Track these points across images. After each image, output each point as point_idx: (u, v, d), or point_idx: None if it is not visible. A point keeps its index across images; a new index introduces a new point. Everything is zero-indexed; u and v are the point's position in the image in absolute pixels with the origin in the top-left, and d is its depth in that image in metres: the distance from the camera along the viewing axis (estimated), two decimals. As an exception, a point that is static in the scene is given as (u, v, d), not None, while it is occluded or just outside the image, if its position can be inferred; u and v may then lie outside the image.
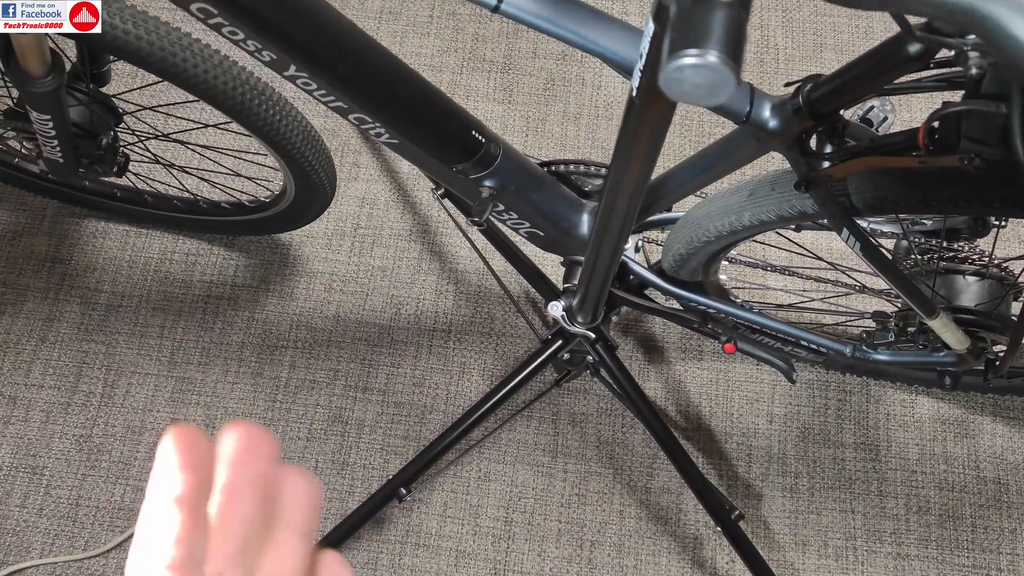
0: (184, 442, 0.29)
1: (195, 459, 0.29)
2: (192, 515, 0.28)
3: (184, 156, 1.43)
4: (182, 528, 0.28)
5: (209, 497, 0.29)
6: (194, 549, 0.28)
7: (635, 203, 0.78)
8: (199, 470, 0.29)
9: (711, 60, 0.35)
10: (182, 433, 0.29)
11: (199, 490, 0.29)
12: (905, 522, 1.29)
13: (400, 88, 0.81)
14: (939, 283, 1.02)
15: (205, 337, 1.41)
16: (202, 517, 0.29)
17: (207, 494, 0.29)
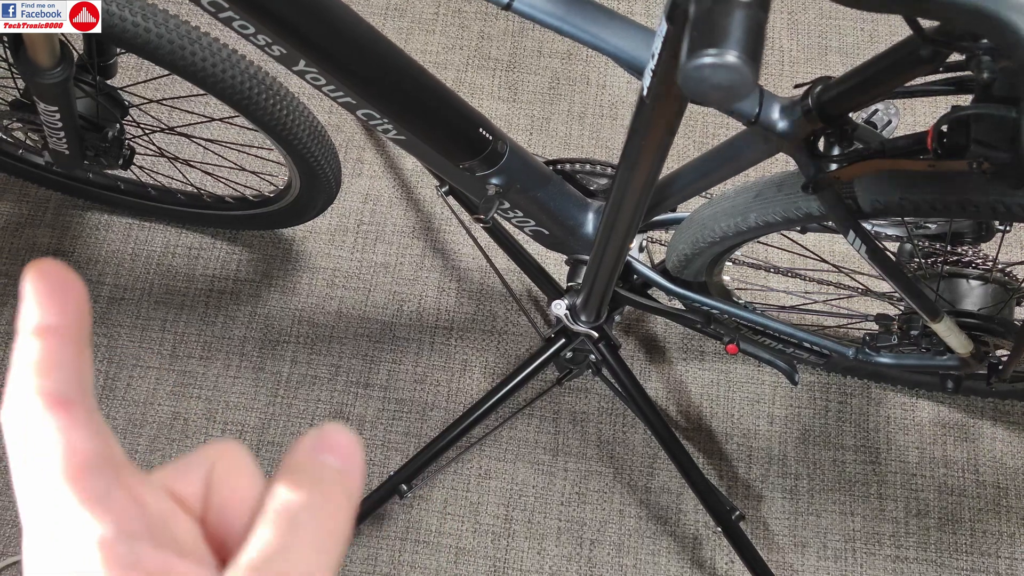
0: (47, 273, 0.24)
1: (60, 289, 0.24)
2: (61, 341, 0.24)
3: (189, 150, 1.43)
4: (49, 354, 0.24)
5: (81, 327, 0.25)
6: (65, 374, 0.24)
7: (642, 203, 0.79)
8: (66, 299, 0.24)
9: (730, 60, 0.35)
10: (43, 266, 0.25)
11: (67, 318, 0.24)
12: (904, 525, 1.29)
13: (409, 84, 0.81)
14: (943, 287, 1.02)
15: (207, 331, 1.40)
16: (75, 345, 0.24)
17: (78, 323, 0.25)
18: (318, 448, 0.26)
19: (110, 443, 0.24)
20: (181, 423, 1.35)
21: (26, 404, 0.23)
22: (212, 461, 0.26)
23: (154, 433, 1.34)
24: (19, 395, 0.23)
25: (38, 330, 0.24)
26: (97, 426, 0.24)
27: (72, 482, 0.23)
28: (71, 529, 0.22)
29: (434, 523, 1.30)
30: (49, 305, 0.24)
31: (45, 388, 0.23)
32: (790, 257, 1.34)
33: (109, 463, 0.23)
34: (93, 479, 0.23)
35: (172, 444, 1.34)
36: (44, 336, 0.24)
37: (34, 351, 0.24)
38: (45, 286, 0.24)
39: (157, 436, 1.34)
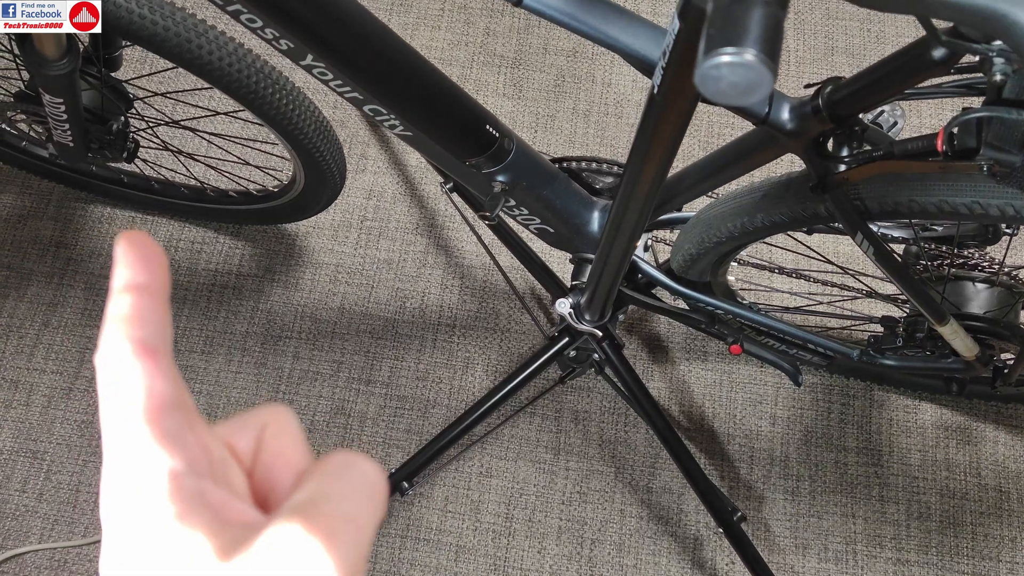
0: (137, 242, 0.28)
1: (148, 256, 0.28)
2: (151, 298, 0.27)
3: (193, 143, 1.42)
4: (141, 308, 0.27)
5: (165, 288, 0.28)
6: (154, 327, 0.27)
7: (650, 202, 0.78)
8: (152, 263, 0.28)
9: (748, 59, 0.35)
10: (133, 236, 0.28)
11: (155, 278, 0.28)
12: (906, 528, 1.29)
13: (417, 80, 0.81)
14: (949, 290, 1.01)
15: (209, 325, 1.40)
16: (161, 302, 0.27)
17: (163, 284, 0.28)
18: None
19: (185, 392, 0.27)
20: (182, 417, 1.35)
21: (118, 350, 0.26)
22: (264, 422, 0.29)
23: (155, 427, 1.34)
24: (112, 342, 0.26)
25: (130, 287, 0.27)
26: (175, 375, 0.27)
27: (152, 421, 0.25)
28: (148, 461, 0.25)
29: (435, 521, 1.29)
30: (138, 267, 0.27)
31: (135, 336, 0.26)
32: (795, 258, 1.34)
33: (183, 408, 0.26)
34: (170, 420, 0.26)
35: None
36: (135, 292, 0.27)
37: (126, 305, 0.27)
38: (135, 250, 0.27)
39: (158, 430, 1.34)
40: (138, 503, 0.25)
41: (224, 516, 0.25)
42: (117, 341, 0.26)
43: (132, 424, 0.25)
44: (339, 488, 0.26)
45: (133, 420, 0.25)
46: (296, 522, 0.24)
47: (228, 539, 0.24)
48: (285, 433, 0.29)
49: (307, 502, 0.25)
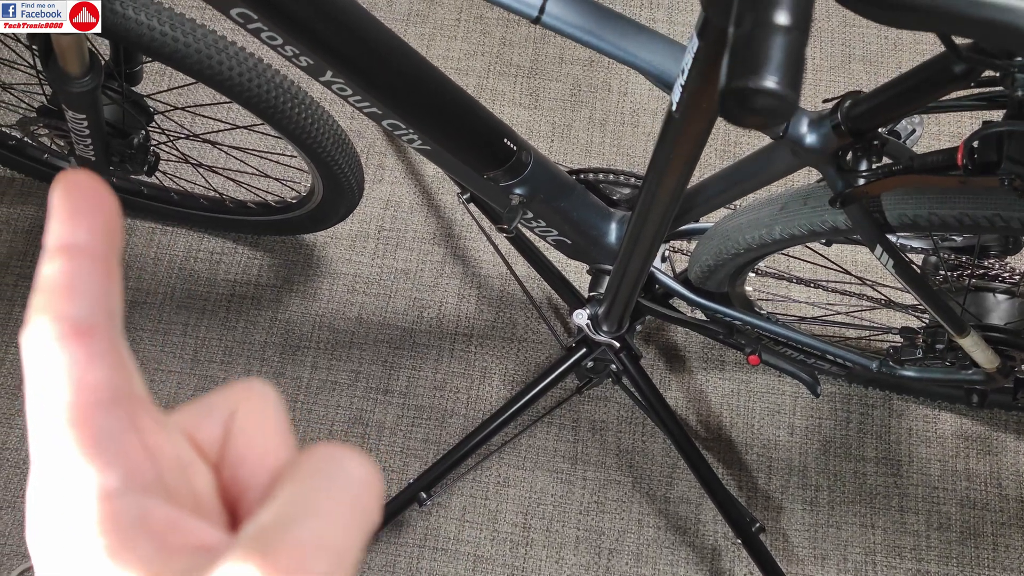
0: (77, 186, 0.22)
1: (90, 204, 0.22)
2: (90, 262, 0.22)
3: (211, 155, 1.43)
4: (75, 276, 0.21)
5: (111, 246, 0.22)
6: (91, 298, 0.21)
7: (669, 215, 0.78)
8: (95, 215, 0.22)
9: (771, 87, 0.35)
10: (74, 177, 0.22)
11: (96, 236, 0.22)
12: (926, 538, 1.28)
13: (435, 95, 0.82)
14: (969, 301, 1.01)
15: (228, 336, 1.41)
16: (103, 266, 0.22)
17: (109, 242, 0.22)
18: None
19: (128, 377, 0.22)
20: (202, 427, 1.36)
21: (42, 331, 0.21)
22: (235, 404, 0.23)
23: (175, 437, 1.35)
24: (37, 320, 0.21)
25: (62, 248, 0.21)
26: (117, 357, 0.21)
27: (79, 423, 0.20)
28: (74, 477, 0.20)
29: (452, 530, 1.30)
30: (76, 221, 0.22)
31: (64, 313, 0.21)
32: (813, 268, 1.33)
33: (124, 402, 0.21)
34: (103, 420, 0.21)
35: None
36: (69, 255, 0.21)
37: (56, 271, 0.21)
38: (72, 199, 0.22)
39: (178, 440, 1.35)
40: (62, 533, 0.20)
41: (170, 544, 0.20)
42: (42, 320, 0.21)
43: (57, 427, 0.20)
44: (317, 500, 0.20)
45: (59, 423, 0.20)
46: (253, 560, 0.19)
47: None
48: (259, 419, 0.23)
49: (274, 525, 0.20)
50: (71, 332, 0.21)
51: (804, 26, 0.37)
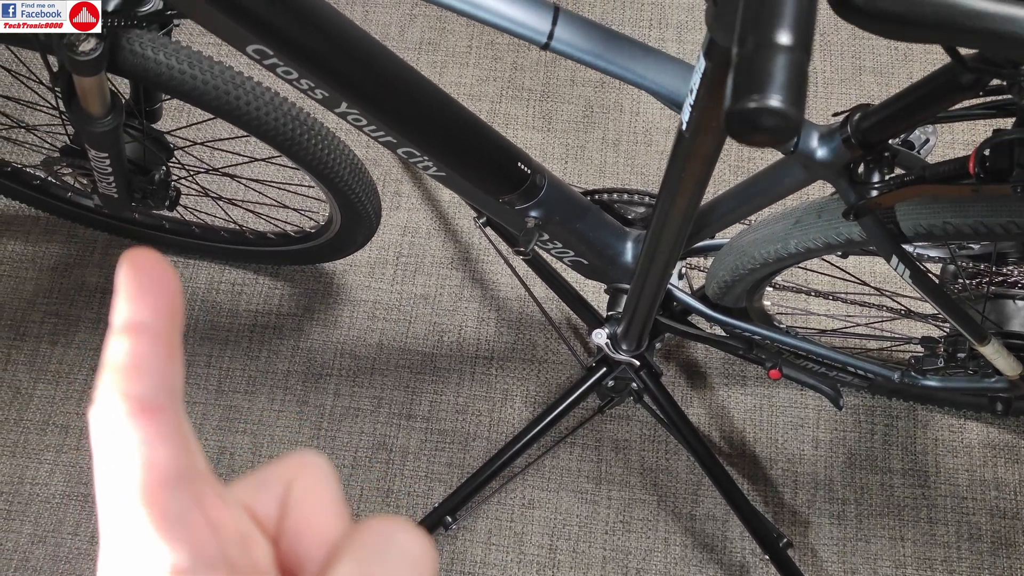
0: (143, 266, 0.23)
1: (156, 284, 0.23)
2: (154, 341, 0.23)
3: (231, 188, 1.46)
4: (141, 356, 0.22)
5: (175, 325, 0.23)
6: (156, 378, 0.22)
7: (683, 233, 0.79)
8: (160, 294, 0.23)
9: (775, 105, 0.36)
10: (139, 257, 0.23)
11: (161, 316, 0.23)
12: (956, 550, 1.27)
13: (449, 123, 0.83)
14: (989, 308, 1.01)
15: (251, 366, 1.43)
16: (167, 345, 0.23)
17: (172, 321, 0.23)
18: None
19: (193, 454, 0.23)
20: (228, 458, 1.37)
21: (112, 409, 0.22)
22: (291, 478, 0.24)
23: (201, 468, 1.36)
24: (105, 399, 0.22)
25: (128, 328, 0.22)
26: (182, 435, 0.22)
27: (149, 502, 0.21)
28: (145, 554, 0.21)
29: (479, 554, 1.30)
30: (141, 300, 0.23)
31: (131, 392, 0.22)
32: (830, 280, 1.33)
33: (189, 480, 0.22)
34: (170, 499, 0.22)
35: (220, 478, 1.35)
36: (134, 335, 0.22)
37: (122, 351, 0.22)
38: (137, 279, 0.23)
39: (204, 470, 1.36)
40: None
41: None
42: (111, 398, 0.22)
43: (128, 505, 0.21)
44: (375, 574, 0.22)
45: (129, 500, 0.21)
46: None
47: None
48: (315, 492, 0.24)
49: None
50: (139, 411, 0.22)
51: (806, 45, 0.37)
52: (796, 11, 0.38)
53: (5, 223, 1.53)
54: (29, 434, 1.39)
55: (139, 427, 0.22)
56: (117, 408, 0.22)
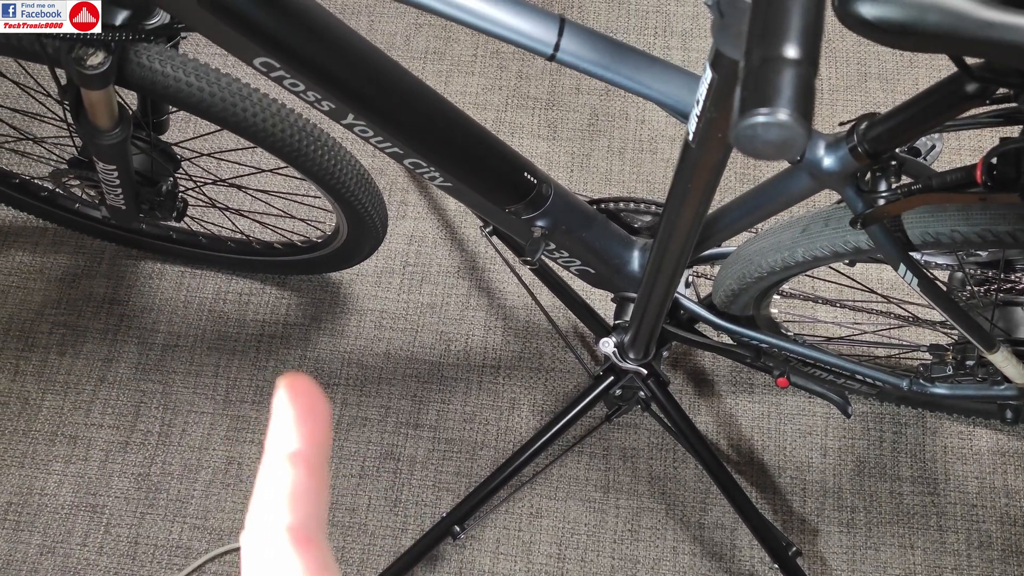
0: (301, 393, 0.25)
1: (312, 413, 0.25)
2: (309, 472, 0.24)
3: (237, 199, 1.46)
4: (298, 486, 0.24)
5: (326, 454, 0.25)
6: (311, 508, 0.24)
7: (690, 242, 0.79)
8: (315, 424, 0.25)
9: (782, 119, 0.36)
10: (297, 384, 0.25)
11: (316, 446, 0.25)
12: (967, 557, 1.26)
13: (456, 134, 0.83)
14: (997, 315, 1.00)
15: (259, 375, 1.43)
16: (320, 475, 0.24)
17: (324, 451, 0.25)
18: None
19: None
20: (236, 467, 1.37)
21: (272, 537, 0.23)
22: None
23: (209, 478, 1.36)
24: (265, 525, 0.23)
25: (291, 457, 0.24)
26: (329, 561, 0.23)
27: None
28: None
29: (487, 563, 1.30)
30: (300, 427, 0.24)
31: (292, 523, 0.23)
32: (838, 288, 1.33)
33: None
34: None
35: (227, 488, 1.35)
36: (295, 465, 0.24)
37: (285, 480, 0.23)
38: (298, 404, 0.24)
39: (212, 481, 1.36)
40: None
41: None
42: (271, 525, 0.23)
43: None
44: None
45: None
46: None
47: None
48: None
49: None
50: (299, 541, 0.23)
51: (813, 58, 0.37)
52: (803, 24, 0.38)
53: (13, 234, 1.54)
54: (38, 445, 1.39)
55: (299, 556, 0.22)
56: (278, 536, 0.22)
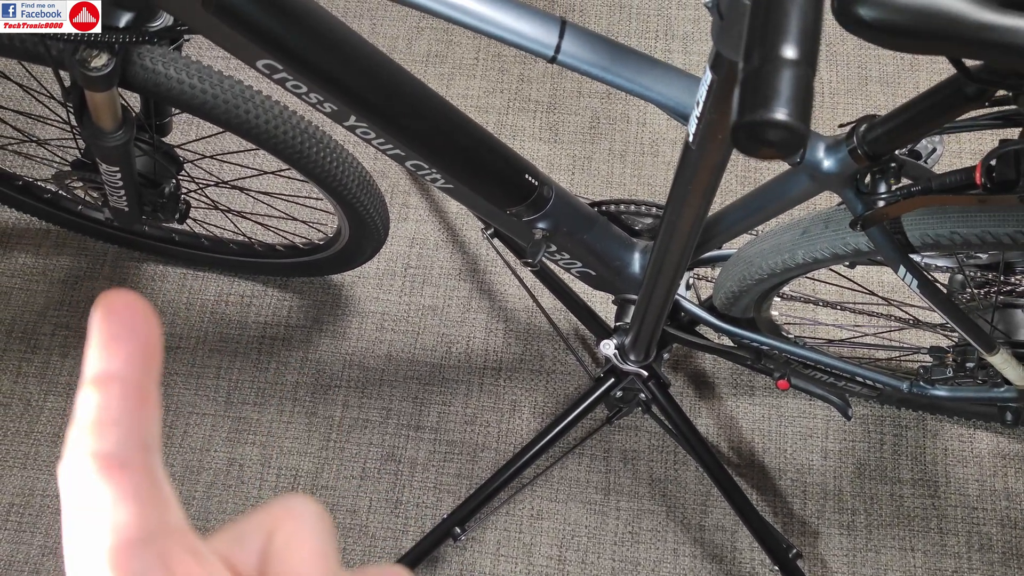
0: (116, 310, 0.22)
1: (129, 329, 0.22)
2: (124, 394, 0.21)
3: (240, 201, 1.46)
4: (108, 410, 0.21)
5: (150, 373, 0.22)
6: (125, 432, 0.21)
7: (690, 244, 0.79)
8: (133, 341, 0.22)
9: (781, 119, 0.36)
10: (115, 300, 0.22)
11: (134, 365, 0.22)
12: (967, 560, 1.26)
13: (457, 136, 0.83)
14: (997, 318, 1.01)
15: (260, 377, 1.43)
16: (139, 395, 0.22)
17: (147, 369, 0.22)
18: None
19: (165, 511, 0.21)
20: (237, 469, 1.37)
21: (80, 467, 0.21)
22: (272, 527, 0.23)
23: (211, 479, 1.37)
24: (74, 455, 0.21)
25: (98, 379, 0.21)
26: (152, 491, 0.21)
27: (114, 563, 0.20)
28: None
29: (488, 565, 1.30)
30: (113, 348, 0.21)
31: (100, 450, 0.21)
32: (839, 290, 1.33)
33: (159, 539, 0.21)
34: (138, 559, 0.20)
35: (229, 490, 1.36)
36: (105, 387, 0.21)
37: (92, 405, 0.21)
38: (110, 325, 0.21)
39: (214, 482, 1.36)
40: None
41: None
42: (79, 455, 0.21)
43: (93, 567, 0.20)
44: None
45: (94, 559, 0.20)
46: None
47: None
48: (298, 542, 0.23)
49: None
50: (108, 468, 0.21)
51: (812, 60, 0.38)
52: (802, 26, 0.38)
53: (16, 236, 1.54)
54: (40, 446, 1.40)
55: (108, 484, 0.21)
56: (86, 465, 0.21)
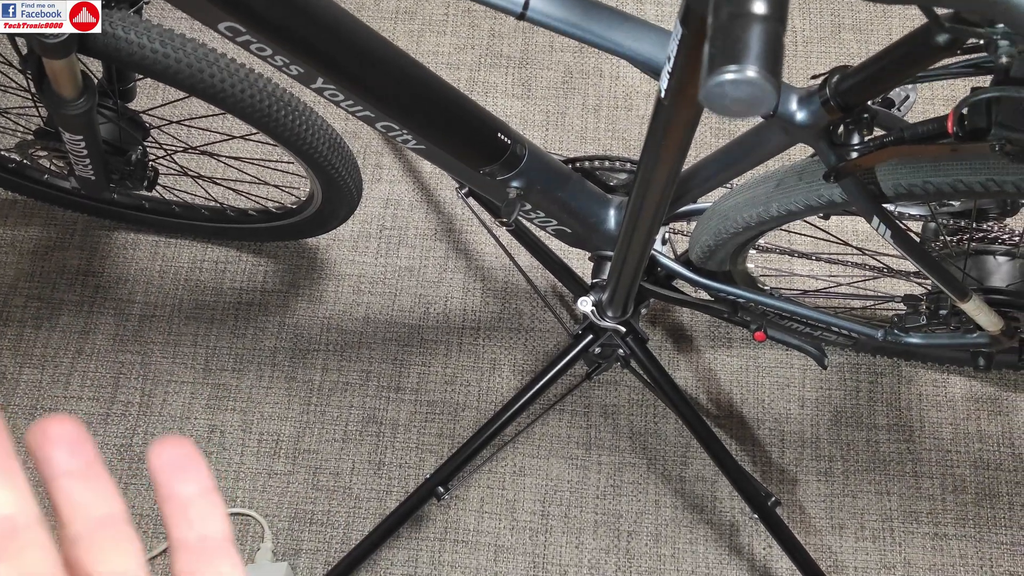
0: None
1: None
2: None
3: (210, 166, 1.44)
4: None
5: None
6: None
7: (665, 199, 0.79)
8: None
9: (751, 75, 0.35)
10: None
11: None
12: (941, 502, 1.29)
13: (427, 96, 0.82)
14: (970, 264, 1.01)
15: (238, 344, 1.42)
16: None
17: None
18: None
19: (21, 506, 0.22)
20: (218, 436, 1.37)
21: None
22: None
23: (192, 447, 1.36)
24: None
25: None
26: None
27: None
28: None
29: (472, 522, 1.31)
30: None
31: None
32: (813, 241, 1.34)
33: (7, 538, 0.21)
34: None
35: (210, 456, 1.36)
36: None
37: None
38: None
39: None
40: None
41: None
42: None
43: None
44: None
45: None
46: None
47: None
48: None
49: None
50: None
51: (781, 14, 0.37)
52: (770, -21, 0.37)
53: (-18, 208, 1.52)
54: (17, 419, 1.39)
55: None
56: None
